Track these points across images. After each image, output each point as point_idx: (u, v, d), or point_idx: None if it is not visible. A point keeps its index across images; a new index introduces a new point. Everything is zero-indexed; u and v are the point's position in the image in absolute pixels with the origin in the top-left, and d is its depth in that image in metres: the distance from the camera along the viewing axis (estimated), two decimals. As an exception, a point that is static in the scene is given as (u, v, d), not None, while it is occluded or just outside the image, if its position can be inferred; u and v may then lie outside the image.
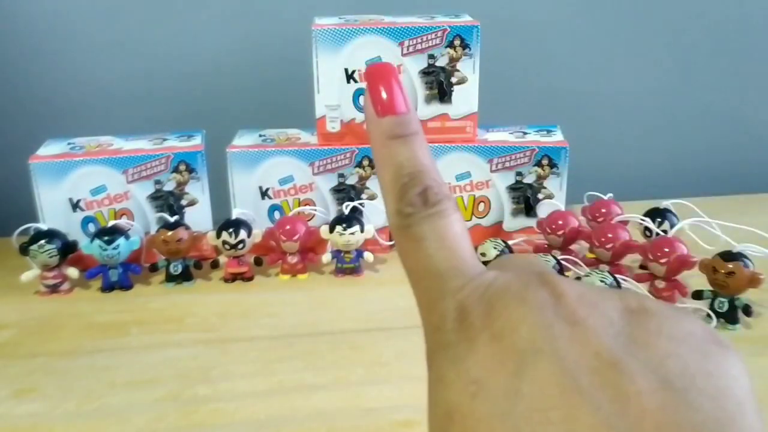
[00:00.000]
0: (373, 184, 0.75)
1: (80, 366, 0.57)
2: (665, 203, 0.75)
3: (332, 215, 0.75)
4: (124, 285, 0.70)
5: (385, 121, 0.22)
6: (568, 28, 0.92)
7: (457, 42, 0.71)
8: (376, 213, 0.75)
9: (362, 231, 0.70)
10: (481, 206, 0.77)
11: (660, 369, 0.16)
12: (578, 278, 0.63)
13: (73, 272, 0.69)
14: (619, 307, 0.18)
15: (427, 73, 0.73)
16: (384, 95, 0.22)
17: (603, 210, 0.76)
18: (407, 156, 0.22)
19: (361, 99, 0.73)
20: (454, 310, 0.19)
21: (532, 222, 0.76)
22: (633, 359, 0.16)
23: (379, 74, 0.23)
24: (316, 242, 0.73)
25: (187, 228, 0.71)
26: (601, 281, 0.61)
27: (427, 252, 0.20)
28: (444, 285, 0.20)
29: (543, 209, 0.76)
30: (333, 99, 0.73)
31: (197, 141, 0.75)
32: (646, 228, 0.72)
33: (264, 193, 0.75)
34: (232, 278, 0.71)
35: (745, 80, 0.98)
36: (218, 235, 0.69)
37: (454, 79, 0.73)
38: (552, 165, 0.75)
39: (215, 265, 0.72)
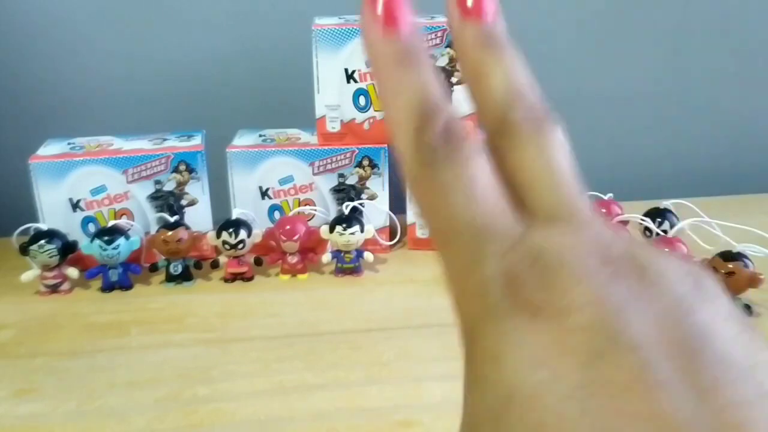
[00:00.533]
0: (373, 184, 0.75)
1: (80, 366, 0.57)
2: (665, 203, 0.75)
3: (332, 215, 0.75)
4: (124, 285, 0.70)
5: (391, 43, 0.19)
6: (567, 28, 0.92)
7: (457, 42, 0.71)
8: (376, 213, 0.75)
9: (362, 231, 0.70)
10: (481, 206, 0.77)
11: (730, 355, 0.15)
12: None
13: (73, 272, 0.69)
14: (684, 282, 0.16)
15: (427, 73, 0.72)
16: (387, 11, 0.19)
17: (603, 210, 0.76)
18: (420, 85, 0.18)
19: (361, 99, 0.73)
20: (500, 277, 0.16)
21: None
22: (706, 346, 0.15)
23: None
24: (316, 242, 0.73)
25: (187, 228, 0.70)
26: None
27: (458, 204, 0.17)
28: (483, 246, 0.17)
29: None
30: (333, 99, 0.73)
31: (197, 141, 0.75)
32: (646, 228, 0.72)
33: (264, 193, 0.75)
34: (232, 278, 0.71)
35: (745, 81, 0.98)
36: (218, 235, 0.69)
37: (454, 79, 0.73)
38: (552, 165, 0.75)
39: (215, 265, 0.72)
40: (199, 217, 0.74)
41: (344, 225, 0.70)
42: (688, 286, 0.16)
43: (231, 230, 0.69)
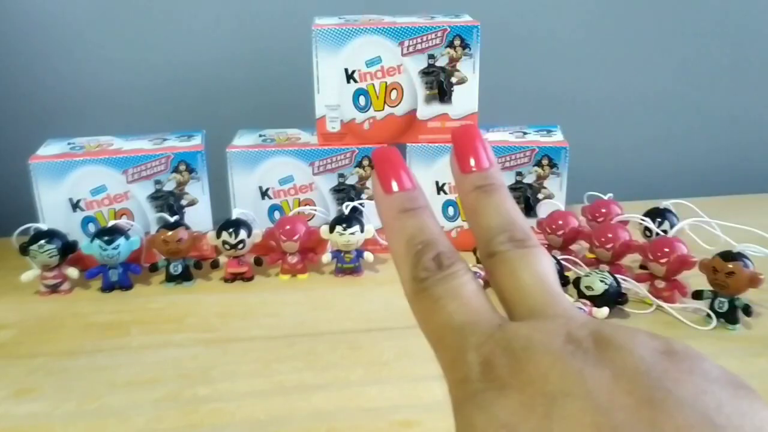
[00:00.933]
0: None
1: (80, 366, 0.57)
2: (665, 203, 0.75)
3: (332, 215, 0.75)
4: (124, 285, 0.70)
5: (395, 197, 0.24)
6: (568, 29, 0.92)
7: (457, 42, 0.71)
8: (376, 213, 0.75)
9: (362, 231, 0.70)
10: (481, 206, 0.77)
11: (697, 404, 0.16)
12: (578, 278, 0.63)
13: (73, 272, 0.69)
14: (649, 346, 0.18)
15: (427, 73, 0.73)
16: (391, 174, 0.24)
17: (603, 210, 0.76)
18: (418, 226, 0.23)
19: (361, 99, 0.73)
20: (478, 364, 0.19)
21: (532, 222, 0.76)
22: (668, 395, 0.16)
23: (384, 156, 0.25)
24: (316, 242, 0.73)
25: (187, 228, 0.71)
26: (601, 281, 0.61)
27: (446, 310, 0.21)
28: (465, 340, 0.20)
29: (543, 209, 0.76)
30: (333, 99, 0.73)
31: (197, 141, 0.75)
32: (646, 228, 0.72)
33: (264, 193, 0.75)
34: (232, 278, 0.71)
35: (745, 81, 0.98)
36: (218, 235, 0.69)
37: (454, 79, 0.73)
38: (552, 165, 0.75)
39: (215, 265, 0.72)
40: (199, 217, 0.74)
41: (344, 225, 0.70)
42: (654, 351, 0.18)
43: (231, 230, 0.69)
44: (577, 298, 0.62)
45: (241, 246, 0.69)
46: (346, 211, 0.71)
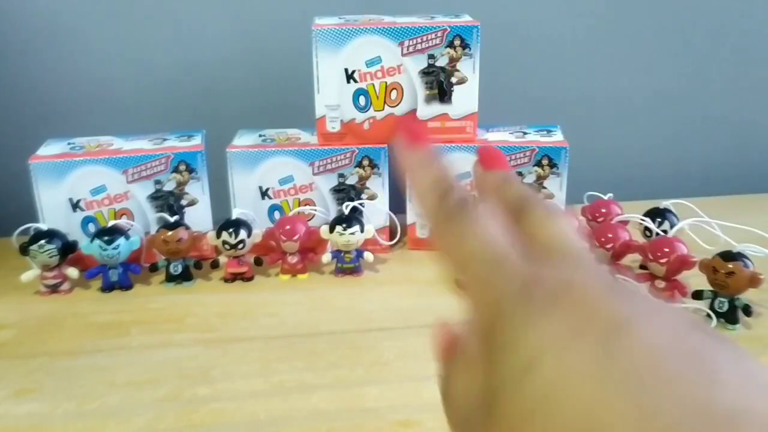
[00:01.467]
0: (373, 184, 0.75)
1: (80, 366, 0.57)
2: (665, 203, 0.75)
3: (332, 215, 0.75)
4: (124, 285, 0.70)
5: (414, 154, 0.25)
6: (568, 29, 0.92)
7: (457, 42, 0.71)
8: (376, 213, 0.75)
9: (362, 231, 0.70)
10: (481, 206, 0.77)
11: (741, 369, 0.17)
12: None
13: (73, 272, 0.69)
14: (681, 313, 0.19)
15: (427, 73, 0.73)
16: (416, 133, 0.26)
17: (603, 210, 0.76)
18: (445, 172, 0.24)
19: (361, 99, 0.73)
20: (519, 284, 0.19)
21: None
22: (713, 351, 0.17)
23: (408, 125, 0.26)
24: (316, 242, 0.73)
25: (187, 228, 0.71)
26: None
27: (475, 242, 0.21)
28: (499, 265, 0.20)
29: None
30: (333, 99, 0.73)
31: (197, 141, 0.75)
32: (646, 228, 0.72)
33: (264, 193, 0.75)
34: (232, 278, 0.71)
35: (745, 81, 0.98)
36: (218, 235, 0.69)
37: (454, 79, 0.73)
38: (552, 165, 0.75)
39: (215, 265, 0.72)
40: (199, 217, 0.74)
41: (344, 225, 0.70)
42: (662, 306, 0.18)
43: (231, 230, 0.69)
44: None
45: (241, 246, 0.69)
46: (346, 211, 0.71)
